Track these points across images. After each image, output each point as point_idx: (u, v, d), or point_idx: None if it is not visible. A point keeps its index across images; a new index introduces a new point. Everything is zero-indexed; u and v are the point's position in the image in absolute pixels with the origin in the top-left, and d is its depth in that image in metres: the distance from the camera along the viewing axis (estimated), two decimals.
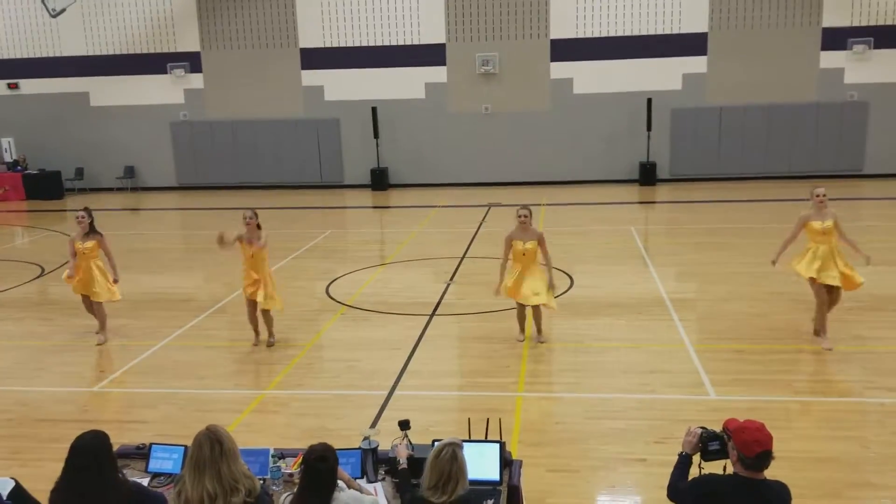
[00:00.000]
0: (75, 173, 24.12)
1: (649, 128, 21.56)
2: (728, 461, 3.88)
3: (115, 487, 3.77)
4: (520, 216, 8.59)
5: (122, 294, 9.72)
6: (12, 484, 4.65)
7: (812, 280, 8.36)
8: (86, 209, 9.64)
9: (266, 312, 9.04)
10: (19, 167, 23.63)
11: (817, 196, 8.34)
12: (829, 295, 8.41)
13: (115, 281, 9.56)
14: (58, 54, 23.77)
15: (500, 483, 4.21)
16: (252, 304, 8.98)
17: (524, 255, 8.58)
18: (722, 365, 8.08)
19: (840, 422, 6.83)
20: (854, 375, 7.91)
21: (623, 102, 21.85)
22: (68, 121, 24.03)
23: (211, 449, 3.70)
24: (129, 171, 24.25)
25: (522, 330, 8.99)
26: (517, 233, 8.64)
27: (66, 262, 9.80)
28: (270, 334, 9.16)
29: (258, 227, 8.79)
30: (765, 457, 3.71)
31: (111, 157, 24.11)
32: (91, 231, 9.49)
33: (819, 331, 8.54)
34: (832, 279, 8.22)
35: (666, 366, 8.12)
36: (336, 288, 11.73)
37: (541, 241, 8.64)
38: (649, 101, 21.38)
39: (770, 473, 3.82)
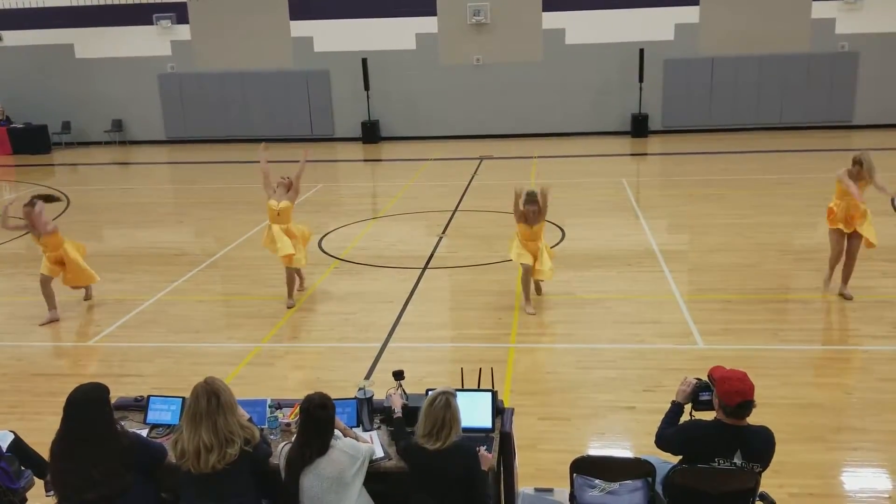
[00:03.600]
0: (62, 127, 23.83)
1: (641, 79, 21.39)
2: None
3: (115, 437, 3.84)
4: (526, 210, 8.24)
5: (114, 250, 9.67)
6: (12, 437, 4.74)
7: (830, 230, 8.40)
8: (31, 201, 8.63)
9: (297, 271, 8.93)
10: (3, 121, 23.31)
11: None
12: (847, 248, 8.41)
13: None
14: (41, 5, 23.26)
15: (492, 430, 4.31)
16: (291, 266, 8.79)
17: (531, 229, 8.34)
18: (710, 315, 8.19)
19: (824, 369, 6.99)
20: (839, 324, 8.06)
21: (615, 53, 21.64)
22: (53, 73, 23.64)
23: (208, 402, 3.77)
24: (117, 125, 23.99)
25: (528, 299, 8.54)
26: (525, 218, 8.32)
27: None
28: (289, 295, 8.94)
29: (288, 189, 8.71)
30: (745, 406, 3.82)
31: (98, 111, 23.82)
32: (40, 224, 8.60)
33: (827, 281, 8.71)
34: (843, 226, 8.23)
35: (656, 316, 8.23)
36: (328, 242, 11.75)
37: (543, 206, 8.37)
38: (641, 51, 21.18)
39: (755, 419, 3.93)
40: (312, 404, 3.82)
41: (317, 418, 3.79)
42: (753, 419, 3.92)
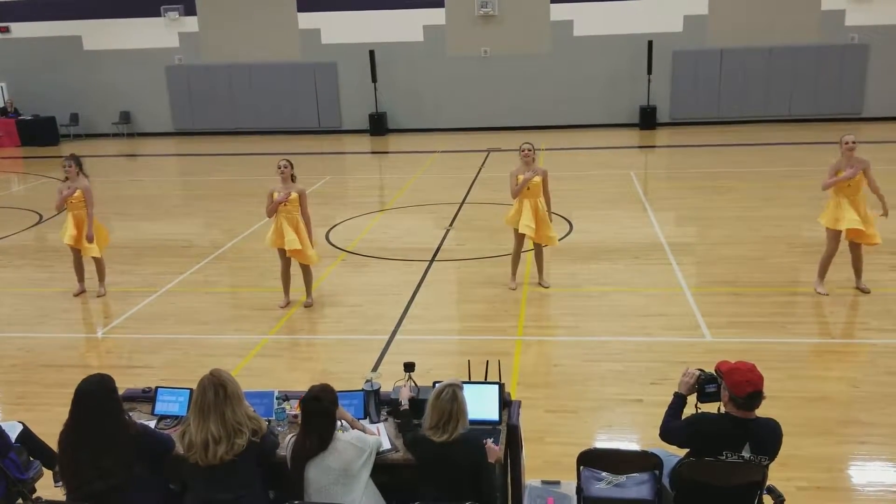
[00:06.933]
0: (70, 119, 23.90)
1: (650, 71, 21.30)
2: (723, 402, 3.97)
3: (122, 428, 3.87)
4: (523, 150, 8.66)
5: (122, 242, 9.68)
6: (20, 427, 4.77)
7: (828, 229, 8.21)
8: (71, 156, 9.06)
9: (306, 269, 8.59)
10: (12, 113, 23.37)
11: (846, 143, 8.02)
12: (851, 251, 8.31)
13: (89, 238, 8.94)
14: None
15: (499, 423, 4.31)
16: (286, 261, 8.49)
17: (528, 189, 8.60)
18: (718, 308, 8.17)
19: (832, 362, 6.96)
20: (847, 317, 8.02)
21: (624, 45, 21.54)
22: (61, 65, 23.70)
23: (215, 394, 3.78)
24: (125, 117, 24.04)
25: (514, 276, 9.00)
26: (522, 168, 8.69)
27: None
28: (308, 294, 8.67)
29: (293, 177, 8.29)
30: (755, 397, 3.80)
31: (106, 103, 23.87)
32: (77, 179, 8.90)
33: (819, 284, 8.49)
34: (851, 223, 7.98)
35: (663, 309, 8.21)
36: (336, 234, 11.76)
37: (544, 178, 8.69)
38: (650, 43, 21.08)
39: (762, 412, 3.91)
40: (307, 396, 3.83)
41: (310, 410, 3.80)
42: (761, 412, 3.91)
